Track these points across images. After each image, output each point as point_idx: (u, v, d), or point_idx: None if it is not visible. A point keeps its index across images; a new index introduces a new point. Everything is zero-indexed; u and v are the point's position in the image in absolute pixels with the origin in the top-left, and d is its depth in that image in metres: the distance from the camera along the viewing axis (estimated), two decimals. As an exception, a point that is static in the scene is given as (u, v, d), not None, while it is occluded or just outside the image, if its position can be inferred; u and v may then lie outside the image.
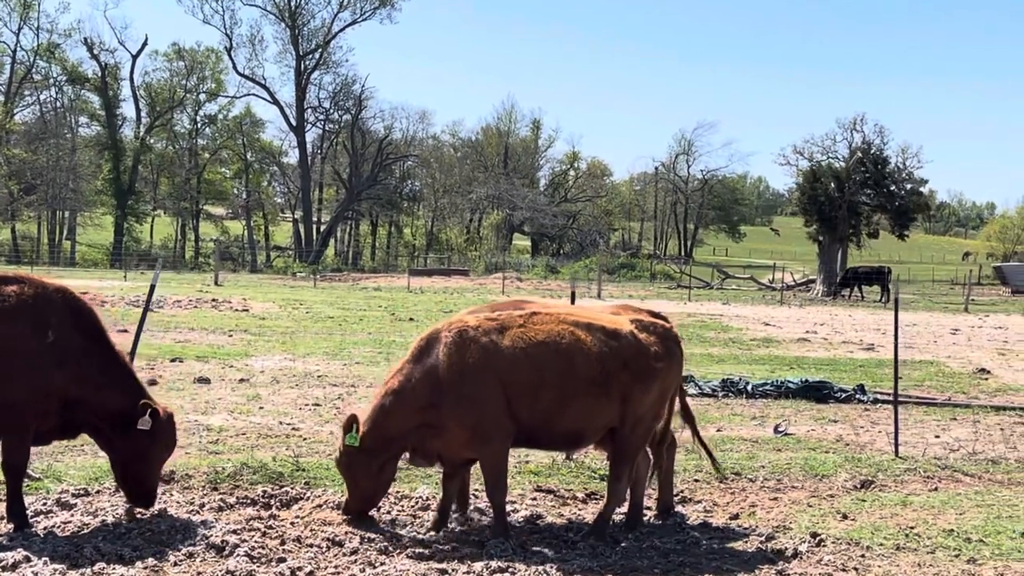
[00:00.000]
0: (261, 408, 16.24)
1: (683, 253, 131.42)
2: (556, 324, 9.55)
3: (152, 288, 13.00)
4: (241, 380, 19.05)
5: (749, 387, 19.60)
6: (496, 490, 9.55)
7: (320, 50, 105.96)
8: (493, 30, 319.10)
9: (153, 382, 18.06)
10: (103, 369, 9.53)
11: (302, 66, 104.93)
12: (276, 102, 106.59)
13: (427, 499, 10.81)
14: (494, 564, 8.69)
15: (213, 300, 38.97)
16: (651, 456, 10.48)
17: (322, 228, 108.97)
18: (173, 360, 21.14)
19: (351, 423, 9.49)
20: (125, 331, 26.08)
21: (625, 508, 10.35)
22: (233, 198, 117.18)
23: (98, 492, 10.53)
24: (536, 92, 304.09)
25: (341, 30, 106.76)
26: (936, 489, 12.37)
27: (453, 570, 8.57)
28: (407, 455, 9.64)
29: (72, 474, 11.21)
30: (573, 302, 14.75)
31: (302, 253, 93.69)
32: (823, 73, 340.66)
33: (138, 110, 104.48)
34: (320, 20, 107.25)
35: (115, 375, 9.60)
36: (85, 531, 9.21)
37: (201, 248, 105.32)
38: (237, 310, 35.55)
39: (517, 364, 9.28)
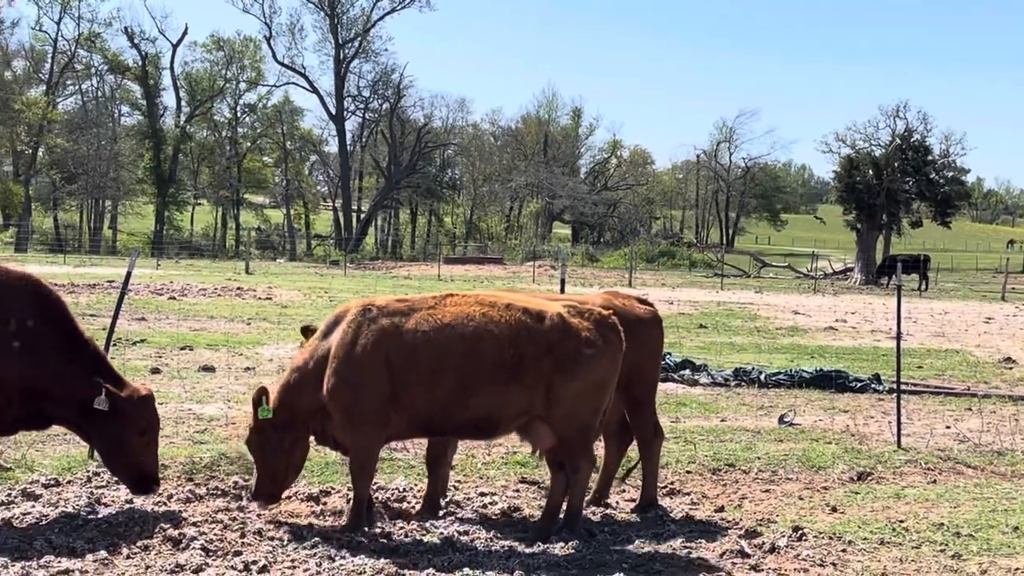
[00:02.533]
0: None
1: (724, 241, 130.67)
2: (469, 306, 9.08)
3: (128, 275, 12.79)
4: (246, 369, 18.91)
5: (762, 376, 19.27)
6: (359, 479, 9.18)
7: (359, 39, 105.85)
8: (533, 18, 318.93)
9: (156, 370, 17.99)
10: (69, 358, 9.35)
11: (341, 55, 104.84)
12: (315, 91, 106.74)
13: (403, 491, 10.60)
14: (456, 558, 8.47)
15: (239, 288, 38.94)
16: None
17: (361, 216, 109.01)
18: (183, 348, 21.01)
19: (260, 396, 9.26)
20: (143, 319, 26.19)
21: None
22: (273, 187, 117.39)
23: (69, 482, 10.36)
24: (577, 80, 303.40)
25: (380, 18, 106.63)
26: (935, 481, 12.02)
27: (413, 564, 8.34)
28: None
29: (45, 464, 11.06)
30: (562, 290, 14.44)
31: (342, 241, 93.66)
32: (867, 60, 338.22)
33: (178, 99, 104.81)
34: (359, 8, 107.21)
35: (83, 364, 9.41)
36: (43, 522, 9.04)
37: (242, 237, 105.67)
38: (260, 298, 35.47)
39: (414, 349, 8.89)
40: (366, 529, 9.16)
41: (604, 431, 10.23)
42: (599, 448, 10.32)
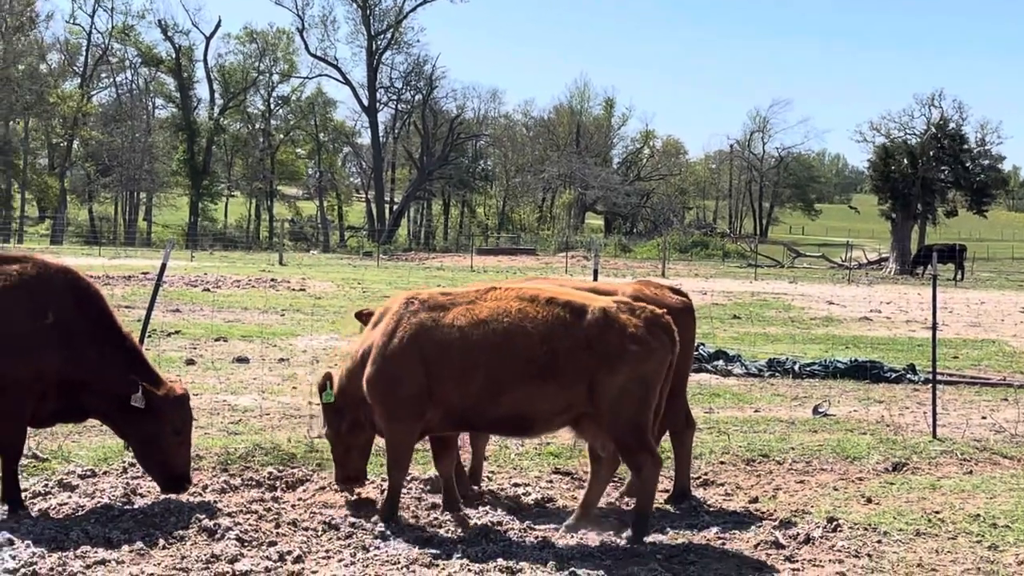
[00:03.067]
0: (294, 388, 16.11)
1: (758, 231, 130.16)
2: (507, 301, 9.01)
3: (163, 267, 12.86)
4: (280, 360, 18.97)
5: (796, 367, 19.20)
6: (394, 470, 9.26)
7: (391, 30, 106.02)
8: (565, 7, 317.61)
9: (191, 361, 18.06)
10: (106, 352, 9.39)
11: (374, 46, 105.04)
12: (348, 83, 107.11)
13: (438, 479, 10.60)
14: (491, 548, 8.47)
15: (272, 280, 39.03)
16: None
17: (394, 208, 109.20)
18: (217, 339, 21.10)
19: (325, 381, 9.48)
20: (178, 310, 26.31)
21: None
22: (306, 178, 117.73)
23: (105, 473, 10.41)
24: (610, 70, 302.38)
25: (412, 10, 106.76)
26: (971, 472, 11.93)
27: (448, 555, 8.35)
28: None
29: (82, 455, 11.12)
30: (595, 278, 14.38)
31: (375, 233, 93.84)
32: (901, 48, 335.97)
33: (212, 91, 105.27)
34: (391, 0, 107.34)
35: (119, 358, 9.45)
36: (80, 513, 9.10)
37: (275, 228, 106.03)
38: (294, 290, 35.57)
39: (448, 343, 8.88)
40: (399, 519, 9.18)
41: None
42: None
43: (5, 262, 9.28)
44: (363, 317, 10.39)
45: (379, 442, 9.71)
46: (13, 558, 7.68)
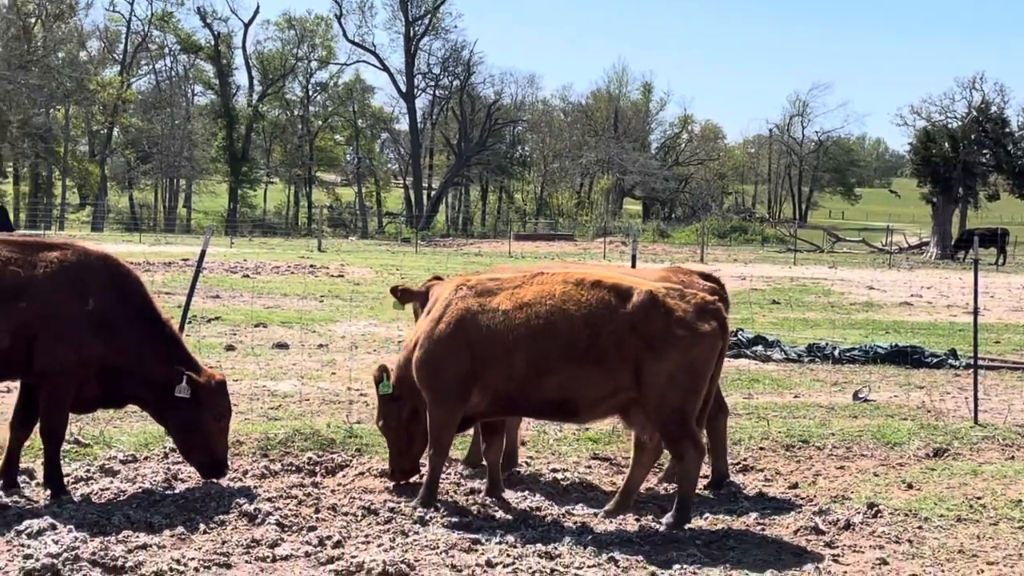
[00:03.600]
0: (333, 374, 16.18)
1: (797, 216, 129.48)
2: (552, 285, 9.00)
3: (202, 253, 12.94)
4: (320, 345, 19.05)
5: (836, 352, 19.11)
6: (434, 454, 9.29)
7: (429, 16, 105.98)
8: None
9: (231, 347, 18.16)
10: (146, 338, 9.47)
11: (411, 32, 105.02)
12: (386, 69, 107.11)
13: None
14: (529, 534, 8.49)
15: (311, 266, 39.19)
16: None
17: (432, 194, 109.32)
18: (257, 325, 21.19)
19: (381, 373, 9.58)
20: (217, 296, 26.46)
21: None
22: (344, 165, 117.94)
23: (145, 458, 10.49)
24: (648, 55, 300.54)
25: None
26: (1013, 458, 11.83)
27: (487, 540, 8.37)
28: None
29: (123, 440, 11.20)
30: (634, 265, 14.37)
31: (413, 219, 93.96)
32: (943, 30, 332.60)
33: (251, 78, 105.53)
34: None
35: (160, 344, 9.52)
36: (121, 498, 9.17)
37: (314, 215, 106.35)
38: (332, 276, 35.70)
39: (492, 327, 8.92)
40: (439, 504, 9.22)
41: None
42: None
43: (46, 249, 9.35)
44: (398, 293, 10.69)
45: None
46: (56, 542, 7.74)
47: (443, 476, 9.95)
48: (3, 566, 7.40)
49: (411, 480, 9.82)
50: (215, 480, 9.60)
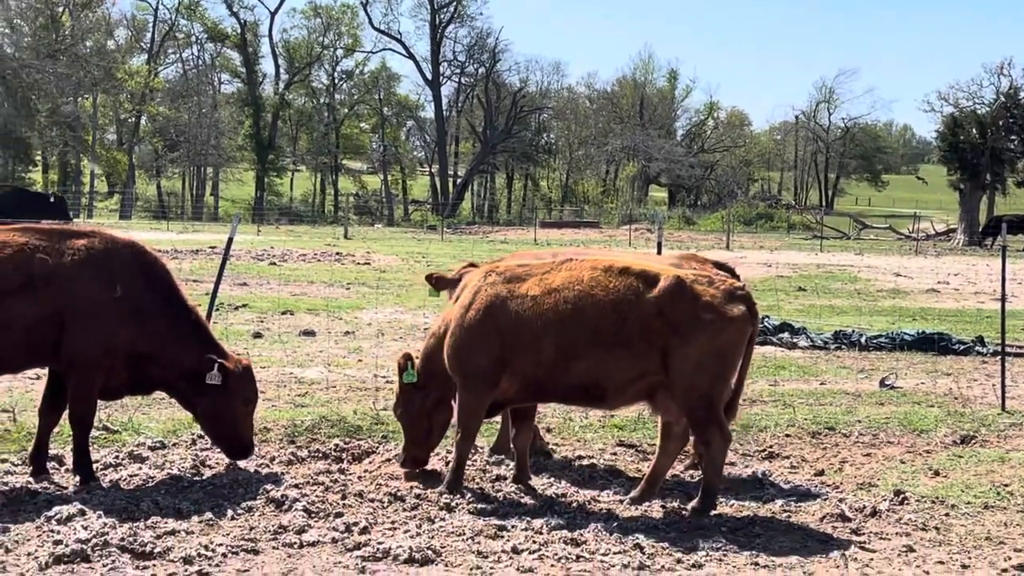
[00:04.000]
0: (360, 361, 16.24)
1: (824, 203, 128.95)
2: (580, 271, 9.04)
3: (230, 241, 13.00)
4: (346, 333, 19.11)
5: (863, 339, 19.06)
6: (462, 439, 9.32)
7: (455, 3, 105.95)
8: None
9: (258, 335, 18.23)
10: (173, 325, 9.52)
11: (437, 20, 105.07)
12: (412, 56, 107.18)
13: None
14: (554, 521, 8.50)
15: (337, 253, 39.31)
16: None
17: (458, 181, 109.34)
18: (284, 313, 21.29)
19: (406, 362, 9.61)
20: (245, 284, 26.56)
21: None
22: (370, 152, 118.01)
23: (174, 445, 10.55)
24: (674, 42, 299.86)
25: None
26: (1040, 445, 11.80)
27: (512, 527, 8.39)
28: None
29: (152, 427, 11.27)
30: (659, 251, 14.36)
31: (438, 206, 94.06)
32: (970, 16, 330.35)
33: (277, 67, 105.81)
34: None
35: (187, 331, 9.57)
36: (150, 484, 9.23)
37: (340, 202, 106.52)
38: (359, 263, 35.80)
39: (520, 313, 8.98)
40: (465, 490, 9.26)
41: None
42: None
43: (73, 237, 9.39)
44: (433, 280, 10.84)
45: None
46: (85, 528, 7.80)
47: (469, 463, 10.00)
48: (33, 551, 7.46)
49: (436, 468, 9.85)
50: (241, 462, 9.70)
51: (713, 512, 8.86)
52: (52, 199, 36.27)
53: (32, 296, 8.91)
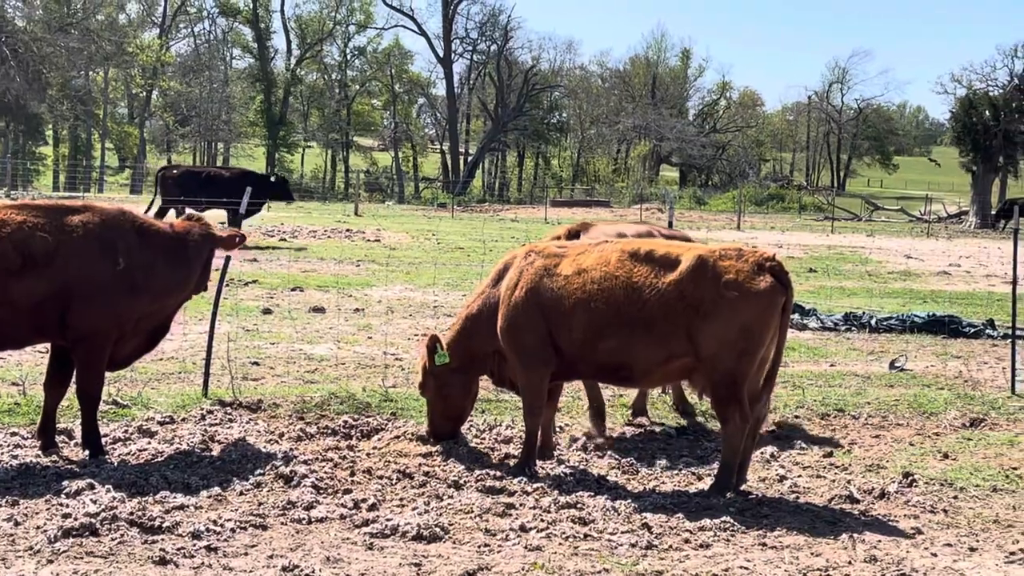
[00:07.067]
0: (369, 338, 16.24)
1: (835, 184, 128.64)
2: (610, 252, 9.16)
3: (240, 215, 12.99)
4: (356, 310, 19.11)
5: (873, 321, 19.02)
6: (529, 416, 9.47)
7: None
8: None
9: (268, 311, 18.25)
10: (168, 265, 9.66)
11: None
12: (424, 33, 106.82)
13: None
14: (562, 499, 8.50)
15: (347, 231, 39.28)
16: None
17: (469, 159, 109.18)
18: (294, 289, 21.30)
19: (434, 343, 9.76)
20: (255, 260, 26.55)
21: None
22: (382, 129, 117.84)
23: (183, 420, 10.57)
24: (686, 20, 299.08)
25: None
26: (1050, 429, 11.78)
27: (520, 504, 8.42)
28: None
29: (161, 401, 11.29)
30: (670, 227, 14.35)
31: (449, 184, 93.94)
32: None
33: (288, 42, 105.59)
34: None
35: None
36: (159, 459, 9.25)
37: (351, 179, 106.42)
38: (369, 240, 35.74)
39: (556, 292, 9.15)
40: (537, 463, 9.43)
41: None
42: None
43: (68, 213, 9.31)
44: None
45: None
46: (94, 502, 7.83)
47: (478, 441, 10.03)
48: (42, 525, 7.49)
49: (443, 446, 9.89)
50: (250, 437, 9.78)
51: (729, 493, 8.85)
52: (273, 179, 36.62)
53: (36, 274, 8.91)
